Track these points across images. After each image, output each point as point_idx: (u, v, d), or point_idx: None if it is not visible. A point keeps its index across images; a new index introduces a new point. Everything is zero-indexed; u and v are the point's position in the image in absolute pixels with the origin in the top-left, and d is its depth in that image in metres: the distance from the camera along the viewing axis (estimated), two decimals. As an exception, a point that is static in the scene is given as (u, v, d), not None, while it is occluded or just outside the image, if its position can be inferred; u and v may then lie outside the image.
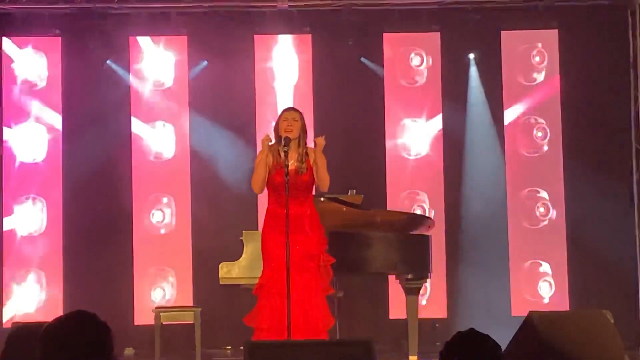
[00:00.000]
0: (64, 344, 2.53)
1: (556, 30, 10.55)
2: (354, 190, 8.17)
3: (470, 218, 10.40)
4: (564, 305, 10.22)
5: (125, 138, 10.33)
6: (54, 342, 2.54)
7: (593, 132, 10.42)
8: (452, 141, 10.47)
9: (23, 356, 2.53)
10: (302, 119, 6.74)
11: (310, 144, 6.74)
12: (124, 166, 10.28)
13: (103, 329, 2.59)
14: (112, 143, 10.24)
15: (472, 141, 10.44)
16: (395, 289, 9.04)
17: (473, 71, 10.53)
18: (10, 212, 10.20)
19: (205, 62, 10.41)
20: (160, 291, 10.25)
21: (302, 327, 6.28)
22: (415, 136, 10.52)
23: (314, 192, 6.83)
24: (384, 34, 10.56)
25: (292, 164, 6.55)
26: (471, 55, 10.53)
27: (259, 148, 9.94)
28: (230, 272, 7.71)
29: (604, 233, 10.19)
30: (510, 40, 10.60)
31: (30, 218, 10.23)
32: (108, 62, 10.34)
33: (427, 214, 10.06)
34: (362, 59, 10.49)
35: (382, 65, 10.52)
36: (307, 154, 6.63)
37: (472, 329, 2.83)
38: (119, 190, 10.18)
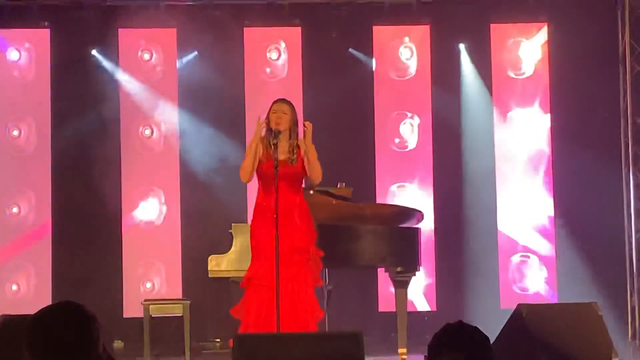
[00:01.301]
0: (50, 335, 2.52)
1: (545, 24, 10.56)
2: (344, 183, 8.16)
3: (460, 211, 10.41)
4: (553, 298, 10.25)
5: (114, 130, 10.31)
6: (40, 332, 2.52)
7: (582, 125, 10.44)
8: (442, 134, 10.47)
9: (12, 349, 2.51)
10: (293, 110, 6.70)
11: (301, 134, 6.72)
12: (113, 158, 10.25)
13: (90, 319, 2.57)
14: (100, 135, 10.22)
15: (462, 133, 10.44)
16: (384, 282, 9.05)
17: (465, 60, 10.53)
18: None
19: (195, 53, 10.39)
20: (149, 284, 10.24)
21: (291, 320, 6.26)
22: (404, 128, 10.53)
23: (303, 185, 6.81)
24: (374, 27, 10.56)
25: (282, 154, 6.52)
26: (461, 45, 10.54)
27: (248, 140, 9.97)
28: (219, 265, 7.70)
29: (593, 225, 10.22)
30: (500, 33, 10.61)
31: (20, 210, 10.21)
32: (93, 52, 10.30)
33: (416, 207, 10.06)
34: (350, 50, 10.48)
35: (372, 58, 10.52)
36: (297, 145, 6.60)
37: (460, 321, 2.83)
38: (108, 182, 10.15)
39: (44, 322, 2.55)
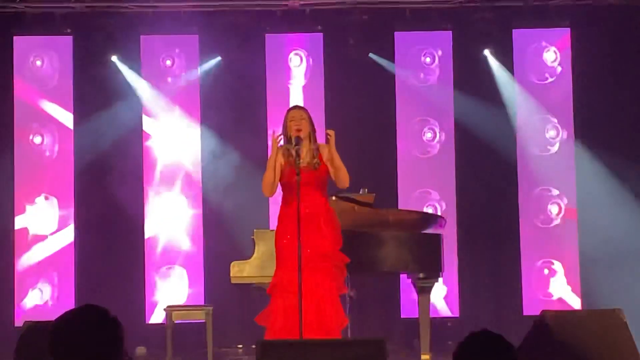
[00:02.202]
0: (73, 339, 2.50)
1: (568, 29, 10.52)
2: (366, 189, 8.14)
3: (482, 217, 10.38)
4: (576, 304, 10.20)
5: (137, 138, 10.34)
6: (63, 336, 2.51)
7: (606, 130, 10.39)
8: (464, 139, 10.44)
9: (36, 354, 2.50)
10: (309, 115, 6.68)
11: (320, 139, 6.71)
12: (135, 165, 10.29)
13: (113, 323, 2.55)
14: (123, 142, 10.25)
15: (484, 140, 10.39)
16: (406, 288, 9.03)
17: (494, 65, 10.49)
18: (22, 209, 10.23)
19: (218, 58, 10.40)
20: (172, 290, 10.26)
21: (315, 327, 6.24)
22: (427, 134, 10.50)
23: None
24: (395, 33, 10.55)
25: (304, 160, 6.50)
26: (487, 51, 10.50)
27: (270, 146, 9.99)
28: (242, 271, 7.68)
29: (616, 231, 10.17)
30: (522, 38, 10.57)
31: (43, 216, 10.25)
32: (113, 59, 10.34)
33: (438, 213, 10.05)
34: (371, 55, 10.46)
35: (394, 64, 10.50)
36: (318, 149, 6.59)
37: (485, 330, 2.79)
38: (131, 188, 10.18)
39: (67, 326, 2.53)
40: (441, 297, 10.18)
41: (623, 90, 10.42)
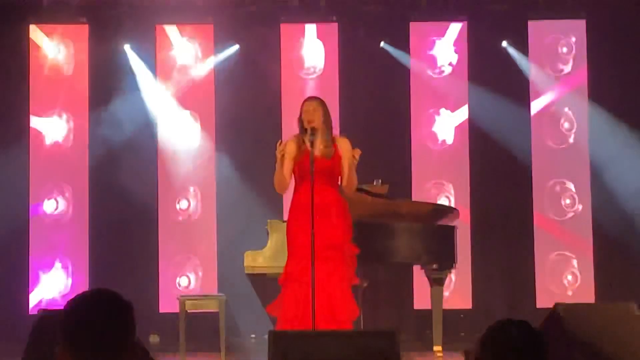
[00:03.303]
0: (85, 322, 2.49)
1: (584, 21, 10.48)
2: (380, 180, 8.14)
3: (496, 209, 10.36)
4: (590, 297, 10.17)
5: (151, 127, 10.35)
6: (75, 320, 2.50)
7: (621, 120, 10.33)
8: (478, 131, 10.41)
9: (49, 342, 2.50)
10: (324, 105, 6.66)
11: (335, 129, 6.73)
12: (150, 154, 10.30)
13: (125, 306, 2.54)
14: (138, 132, 10.26)
15: (498, 130, 10.36)
16: (419, 279, 9.03)
17: (514, 55, 10.44)
18: (37, 200, 10.26)
19: (237, 46, 10.39)
20: (186, 279, 10.29)
21: (327, 318, 6.25)
22: (441, 126, 10.49)
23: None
24: (411, 23, 10.52)
25: (318, 150, 6.50)
26: (504, 43, 10.46)
27: (284, 136, 9.99)
28: (255, 261, 7.70)
29: (630, 225, 10.13)
30: (538, 30, 10.53)
31: (57, 205, 10.29)
32: (126, 47, 10.34)
33: (452, 205, 10.03)
34: (382, 44, 10.42)
35: (409, 54, 10.48)
36: (334, 140, 6.59)
37: (510, 319, 2.77)
38: (145, 178, 10.19)
39: (79, 309, 2.52)
40: (454, 288, 10.16)
41: (639, 82, 10.36)
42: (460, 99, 10.48)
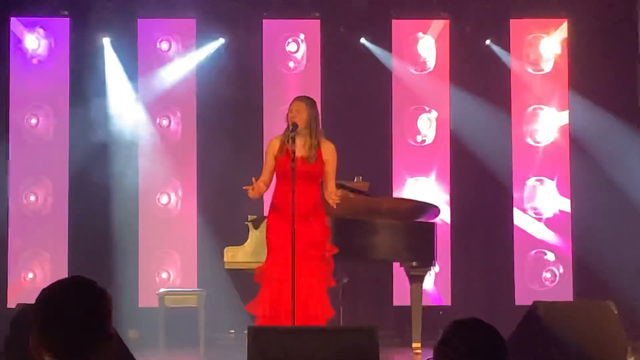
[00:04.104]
0: (60, 309, 2.43)
1: (565, 20, 10.51)
2: (360, 177, 8.15)
3: (476, 206, 10.39)
4: (568, 295, 10.22)
5: (131, 122, 10.31)
6: (50, 307, 2.44)
7: (601, 121, 10.38)
8: (459, 129, 10.43)
9: (28, 336, 2.47)
10: (312, 107, 6.63)
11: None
12: (130, 149, 10.27)
13: (101, 294, 2.47)
14: (118, 126, 10.22)
15: (479, 129, 10.38)
16: (399, 276, 9.05)
17: (497, 52, 10.47)
18: (17, 194, 10.21)
19: (222, 40, 10.36)
20: (165, 274, 10.27)
21: (302, 314, 6.26)
22: (422, 123, 10.50)
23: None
24: (393, 20, 10.53)
25: (300, 151, 6.50)
26: (487, 41, 10.48)
27: (266, 132, 10.01)
28: (235, 256, 7.69)
29: (609, 223, 10.18)
30: (519, 28, 10.56)
31: (37, 199, 10.25)
32: (104, 41, 10.30)
33: (432, 202, 10.04)
34: (362, 40, 10.42)
35: (391, 52, 10.49)
36: (319, 144, 6.57)
37: (474, 318, 2.58)
38: (126, 172, 10.17)
39: (52, 297, 2.47)
40: (434, 285, 10.19)
41: (619, 80, 10.41)
42: (441, 96, 10.49)
